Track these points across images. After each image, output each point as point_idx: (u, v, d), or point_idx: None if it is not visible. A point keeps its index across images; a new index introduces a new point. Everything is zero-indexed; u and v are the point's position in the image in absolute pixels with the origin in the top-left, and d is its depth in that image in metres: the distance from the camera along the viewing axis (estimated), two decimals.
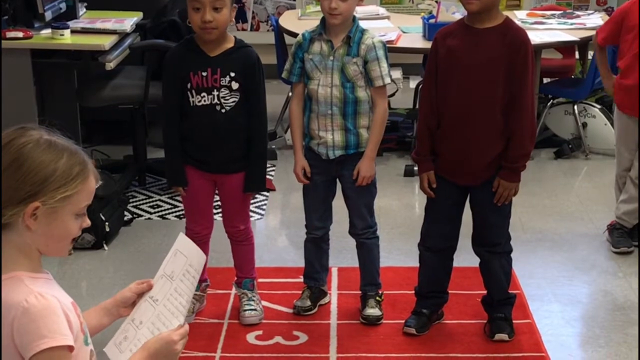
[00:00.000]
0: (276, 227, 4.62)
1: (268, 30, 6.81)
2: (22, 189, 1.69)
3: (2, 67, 4.11)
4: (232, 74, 3.24)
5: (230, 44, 3.29)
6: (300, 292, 3.62)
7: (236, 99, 3.27)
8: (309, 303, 3.57)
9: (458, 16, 5.26)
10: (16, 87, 4.29)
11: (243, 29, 7.02)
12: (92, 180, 1.77)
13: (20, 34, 4.36)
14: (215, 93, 3.24)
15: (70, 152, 1.75)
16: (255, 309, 3.49)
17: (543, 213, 4.69)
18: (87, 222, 1.81)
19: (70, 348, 1.70)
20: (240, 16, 7.00)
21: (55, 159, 1.72)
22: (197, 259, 2.06)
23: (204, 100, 3.25)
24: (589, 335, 3.50)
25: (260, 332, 3.38)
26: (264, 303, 3.63)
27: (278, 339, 3.41)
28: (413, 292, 3.50)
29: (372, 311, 3.48)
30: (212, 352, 3.32)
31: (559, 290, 3.85)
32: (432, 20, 5.34)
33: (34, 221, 1.70)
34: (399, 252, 4.12)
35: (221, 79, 3.23)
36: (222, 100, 3.24)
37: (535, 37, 5.34)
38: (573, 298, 3.79)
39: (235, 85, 3.25)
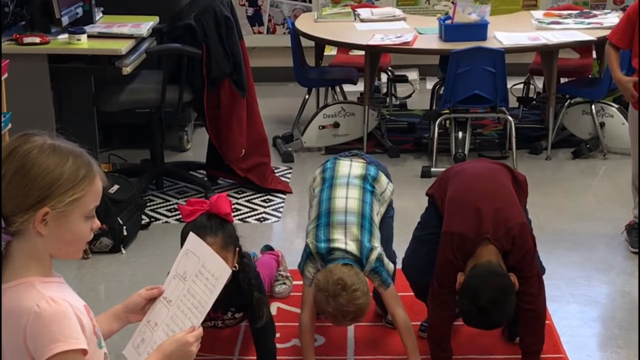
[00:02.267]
0: (293, 229, 4.62)
1: (284, 33, 6.82)
2: (31, 195, 1.69)
3: (20, 72, 4.14)
4: (233, 309, 3.15)
5: None
6: None
7: (240, 316, 3.20)
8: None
9: (474, 17, 5.27)
10: (33, 93, 4.32)
11: (259, 32, 7.03)
12: (98, 182, 1.78)
13: (37, 40, 4.39)
14: (219, 322, 3.18)
15: (75, 155, 1.75)
16: (284, 283, 3.65)
17: (561, 213, 4.66)
18: (97, 224, 1.81)
19: (83, 351, 1.70)
20: (257, 19, 7.01)
21: (61, 162, 1.72)
22: (211, 261, 2.05)
23: (208, 323, 3.14)
24: (607, 335, 3.48)
25: (277, 335, 3.36)
26: (282, 306, 3.63)
27: (295, 341, 3.41)
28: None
29: None
30: (229, 354, 3.33)
31: (577, 290, 3.83)
32: (448, 21, 5.34)
33: (44, 227, 1.71)
34: None
35: (223, 315, 3.15)
36: (227, 322, 3.19)
37: (552, 37, 5.33)
38: (591, 299, 3.76)
39: (238, 315, 3.17)
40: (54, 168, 1.71)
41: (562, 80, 5.76)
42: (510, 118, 5.31)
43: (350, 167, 3.31)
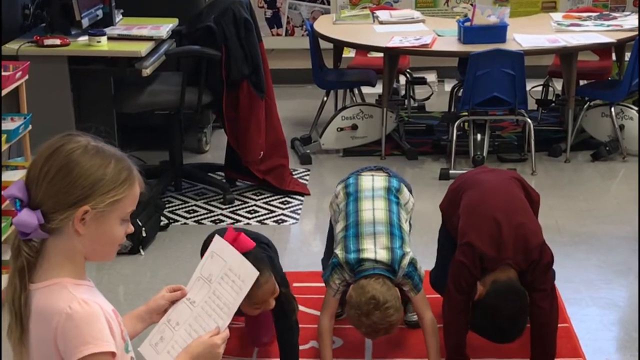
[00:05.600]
0: (311, 231, 4.63)
1: (303, 35, 6.83)
2: (72, 193, 1.71)
3: (40, 74, 4.16)
4: None
5: None
6: None
7: None
8: (339, 309, 3.55)
9: (493, 19, 5.25)
10: (54, 94, 4.34)
11: (278, 34, 7.04)
12: (137, 186, 1.80)
13: (57, 41, 4.41)
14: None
15: (117, 158, 1.78)
16: None
17: (580, 216, 4.64)
18: (131, 228, 1.83)
19: (112, 354, 1.72)
20: (275, 21, 7.02)
21: (104, 164, 1.74)
22: (238, 264, 2.06)
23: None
24: (626, 339, 3.46)
25: None
26: (300, 307, 3.62)
27: (313, 343, 3.41)
28: None
29: (414, 317, 3.42)
30: (248, 356, 3.34)
31: (597, 293, 3.81)
32: (467, 24, 5.32)
33: (82, 226, 1.72)
34: (433, 255, 4.09)
35: None
36: None
37: (572, 39, 5.31)
38: (611, 302, 3.74)
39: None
40: (97, 169, 1.73)
41: (582, 82, 5.74)
42: (529, 120, 5.29)
43: (373, 181, 3.33)
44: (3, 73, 3.73)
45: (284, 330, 3.11)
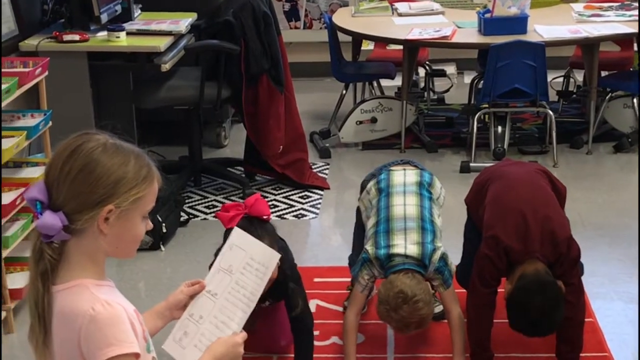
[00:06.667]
0: (330, 225, 4.61)
1: (321, 28, 6.80)
2: (95, 192, 1.70)
3: (60, 70, 4.16)
4: (270, 300, 3.12)
5: None
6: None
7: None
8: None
9: (514, 10, 5.21)
10: (73, 90, 4.35)
11: (296, 27, 7.02)
12: (156, 182, 1.79)
13: (76, 37, 4.40)
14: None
15: (136, 155, 1.76)
16: None
17: (602, 208, 4.60)
18: (150, 225, 1.82)
19: (136, 355, 1.71)
20: (293, 14, 7.00)
21: (125, 161, 1.73)
22: (259, 251, 2.07)
23: None
24: None
25: (317, 333, 3.35)
26: (321, 303, 3.62)
27: (334, 339, 3.40)
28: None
29: (437, 309, 3.39)
30: (268, 352, 3.32)
31: (621, 287, 3.77)
32: (487, 15, 5.28)
33: (107, 225, 1.71)
34: (456, 249, 4.04)
35: (261, 304, 3.08)
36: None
37: (593, 29, 5.25)
38: (635, 296, 3.70)
39: (270, 302, 3.15)
40: (119, 167, 1.72)
41: (603, 73, 5.68)
42: (550, 112, 5.24)
43: (405, 176, 3.30)
44: (23, 69, 3.73)
45: (294, 322, 3.11)
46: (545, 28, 5.29)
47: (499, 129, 5.27)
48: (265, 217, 2.90)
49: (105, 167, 1.71)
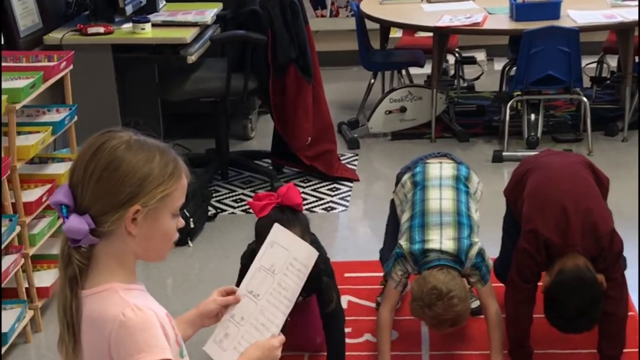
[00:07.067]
0: (361, 218, 4.53)
1: (347, 16, 6.71)
2: (121, 192, 1.63)
3: (84, 63, 4.11)
4: (304, 294, 3.04)
5: None
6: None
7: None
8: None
9: None
10: (98, 84, 4.31)
11: (322, 16, 6.93)
12: (184, 178, 1.72)
13: (101, 30, 4.36)
14: None
15: (161, 151, 1.69)
16: None
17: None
18: (182, 222, 1.76)
19: None
20: (319, 2, 6.91)
21: (150, 158, 1.66)
22: (302, 252, 2.02)
23: None
24: None
25: (349, 330, 3.28)
26: (353, 299, 3.54)
27: (367, 336, 3.32)
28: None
29: (474, 304, 3.29)
30: (302, 350, 3.25)
31: None
32: (519, 0, 5.16)
33: (134, 226, 1.65)
34: (490, 242, 3.93)
35: None
36: None
37: (628, 14, 5.13)
38: None
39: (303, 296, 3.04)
40: (144, 164, 1.65)
41: (637, 58, 5.54)
42: (585, 99, 5.13)
43: (441, 169, 3.21)
44: (48, 63, 3.67)
45: (327, 319, 3.04)
46: (578, 13, 5.17)
47: (532, 116, 5.18)
48: (297, 205, 2.83)
49: (130, 165, 1.64)
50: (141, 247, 1.68)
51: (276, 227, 2.07)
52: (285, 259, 2.00)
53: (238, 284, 2.04)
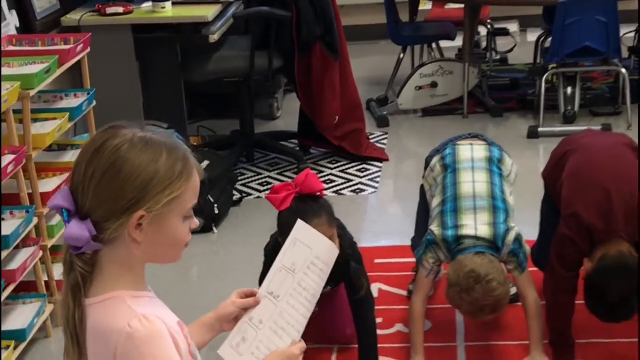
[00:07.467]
0: (391, 200, 4.41)
1: None
2: (124, 197, 1.50)
3: (104, 45, 4.00)
4: (332, 284, 2.91)
5: None
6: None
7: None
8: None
9: None
10: (118, 66, 4.20)
11: None
12: (196, 176, 1.59)
13: (120, 10, 4.25)
14: None
15: (169, 148, 1.55)
16: None
17: None
18: (196, 223, 1.63)
19: None
20: None
21: (155, 157, 1.53)
22: (324, 250, 1.91)
23: None
24: None
25: (380, 320, 3.15)
26: (383, 287, 3.41)
27: (399, 327, 3.19)
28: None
29: (511, 291, 3.09)
30: (331, 343, 3.13)
31: None
32: None
33: (139, 233, 1.52)
34: (527, 223, 3.78)
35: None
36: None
37: None
38: None
39: (332, 286, 2.94)
40: (148, 165, 1.52)
41: None
42: (623, 70, 4.96)
43: (472, 151, 3.05)
44: (63, 47, 3.56)
45: (357, 306, 2.90)
46: None
47: (569, 90, 5.01)
48: (318, 192, 2.68)
49: (134, 166, 1.51)
50: (148, 253, 1.57)
51: (299, 223, 1.95)
52: (307, 258, 1.89)
53: (263, 277, 1.92)
